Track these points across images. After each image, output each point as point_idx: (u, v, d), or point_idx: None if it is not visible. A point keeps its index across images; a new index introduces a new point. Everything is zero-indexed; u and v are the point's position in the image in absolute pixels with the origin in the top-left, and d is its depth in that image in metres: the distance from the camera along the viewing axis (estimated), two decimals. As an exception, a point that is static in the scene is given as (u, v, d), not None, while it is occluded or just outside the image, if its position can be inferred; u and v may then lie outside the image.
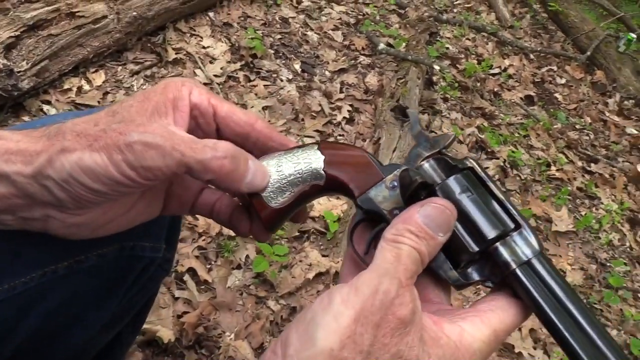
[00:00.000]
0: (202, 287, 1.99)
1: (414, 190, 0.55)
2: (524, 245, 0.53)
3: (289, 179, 0.59)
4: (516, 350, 2.28)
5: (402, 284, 0.46)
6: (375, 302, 0.45)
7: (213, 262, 2.08)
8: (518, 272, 0.52)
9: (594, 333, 0.50)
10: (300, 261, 2.18)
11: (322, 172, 0.59)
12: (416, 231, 0.50)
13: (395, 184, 0.57)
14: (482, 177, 0.57)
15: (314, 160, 0.59)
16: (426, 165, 0.58)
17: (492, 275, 0.54)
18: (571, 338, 0.50)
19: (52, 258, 0.65)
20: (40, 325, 0.67)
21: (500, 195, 0.56)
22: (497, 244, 0.53)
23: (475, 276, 0.55)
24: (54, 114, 2.37)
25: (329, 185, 0.60)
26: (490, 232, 0.53)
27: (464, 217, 0.54)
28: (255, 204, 0.59)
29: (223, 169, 0.52)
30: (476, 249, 0.53)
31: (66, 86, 2.50)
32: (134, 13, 2.77)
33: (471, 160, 0.58)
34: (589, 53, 4.94)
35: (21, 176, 0.49)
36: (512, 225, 0.54)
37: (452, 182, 0.55)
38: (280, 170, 0.59)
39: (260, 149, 0.62)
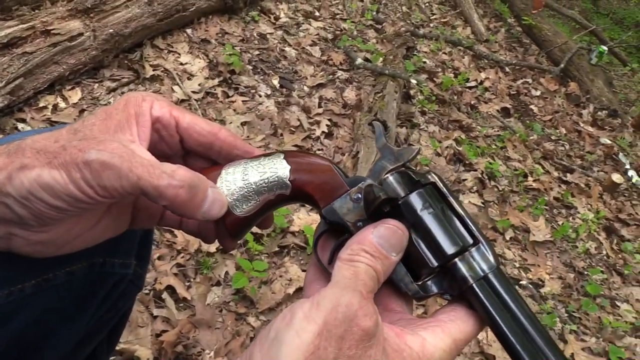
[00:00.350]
0: (181, 304, 1.97)
1: (378, 206, 0.56)
2: (481, 261, 0.55)
3: (254, 187, 0.59)
4: (497, 361, 2.29)
5: (363, 296, 0.47)
6: (338, 315, 0.45)
7: (192, 279, 2.06)
8: (475, 287, 0.54)
9: (544, 345, 0.51)
10: (281, 276, 2.17)
11: (288, 181, 0.59)
12: (371, 251, 0.51)
13: (360, 196, 0.58)
14: (444, 192, 0.58)
15: (280, 169, 0.60)
16: (390, 178, 0.58)
17: (451, 288, 0.56)
18: (522, 350, 0.51)
19: (19, 277, 0.64)
20: (9, 346, 0.66)
21: (461, 211, 0.58)
22: (456, 259, 0.55)
23: (435, 289, 0.56)
24: (16, 133, 2.33)
25: (295, 194, 0.60)
26: (449, 249, 0.54)
27: (425, 232, 0.55)
28: None
29: (178, 197, 0.51)
30: (436, 264, 0.55)
31: (42, 104, 2.47)
32: (111, 30, 2.77)
33: (433, 175, 0.59)
34: (562, 65, 5.05)
35: None
36: (470, 241, 0.56)
37: (415, 198, 0.56)
38: (245, 179, 0.59)
39: (224, 157, 0.62)
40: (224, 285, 2.06)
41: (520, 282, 2.74)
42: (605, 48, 5.40)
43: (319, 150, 2.91)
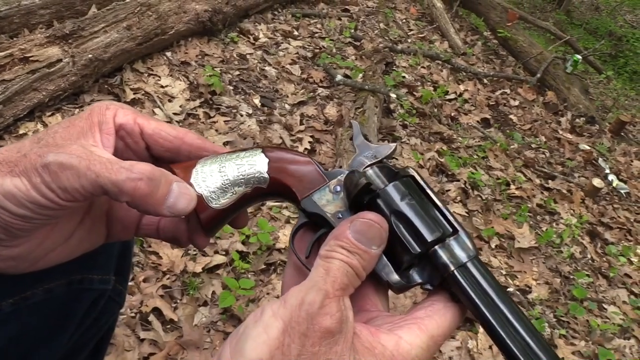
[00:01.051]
0: (168, 326, 1.95)
1: (359, 193, 0.56)
2: (460, 250, 0.55)
3: (231, 180, 0.58)
4: (488, 369, 2.29)
5: (329, 294, 0.47)
6: (301, 313, 0.46)
7: (178, 301, 2.04)
8: (456, 274, 0.54)
9: (523, 330, 0.52)
10: (268, 294, 2.16)
11: (266, 175, 0.59)
12: (347, 246, 0.51)
13: (339, 188, 0.58)
14: (422, 184, 0.59)
15: (258, 162, 0.59)
16: (370, 171, 0.59)
17: (432, 277, 0.56)
18: (504, 334, 0.52)
19: None
20: None
21: (439, 202, 0.58)
22: (436, 247, 0.55)
23: (417, 278, 0.56)
24: None
25: (273, 188, 0.60)
26: (429, 236, 0.55)
27: (405, 221, 0.55)
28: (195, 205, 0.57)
29: (138, 191, 0.51)
30: (418, 250, 0.55)
31: (21, 131, 2.46)
32: (90, 55, 2.78)
33: (412, 170, 0.60)
34: (539, 75, 5.15)
35: None
36: (450, 230, 0.56)
37: (394, 188, 0.57)
38: (223, 172, 0.58)
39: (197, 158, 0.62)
40: (211, 305, 2.05)
41: (508, 290, 2.76)
42: (579, 57, 5.53)
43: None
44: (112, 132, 0.57)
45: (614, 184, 4.09)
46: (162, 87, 3.07)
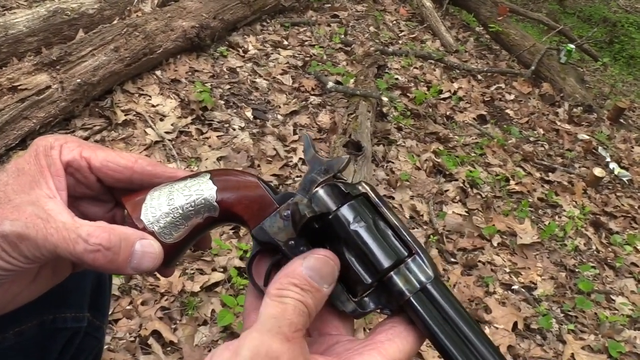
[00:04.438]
0: (169, 348, 1.93)
1: (305, 224, 0.54)
2: (418, 272, 0.53)
3: (180, 212, 0.57)
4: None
5: (287, 338, 0.45)
6: None
7: (178, 321, 2.03)
8: (412, 300, 0.52)
9: (488, 354, 0.50)
10: (268, 308, 2.14)
11: (215, 203, 0.57)
12: (301, 284, 0.49)
13: (288, 214, 0.56)
14: (376, 202, 0.57)
15: (206, 190, 0.57)
16: (320, 192, 0.56)
17: (389, 303, 0.54)
18: None
19: None
20: None
21: (394, 221, 0.56)
22: (392, 273, 0.53)
23: (372, 305, 0.54)
24: None
25: (224, 216, 0.58)
26: (383, 263, 0.53)
27: (357, 248, 0.53)
28: None
29: (97, 261, 0.50)
30: (370, 280, 0.53)
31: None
32: (78, 80, 2.78)
33: (364, 185, 0.57)
34: (533, 67, 5.12)
35: None
36: (405, 253, 0.54)
37: (345, 211, 0.54)
38: (171, 203, 0.57)
39: (150, 187, 0.60)
40: (211, 324, 2.04)
41: (513, 287, 2.73)
42: (572, 46, 5.50)
43: (298, 177, 2.91)
44: (62, 172, 0.56)
45: (616, 172, 4.05)
46: (153, 106, 3.07)
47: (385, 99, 3.60)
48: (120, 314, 1.96)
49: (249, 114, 3.29)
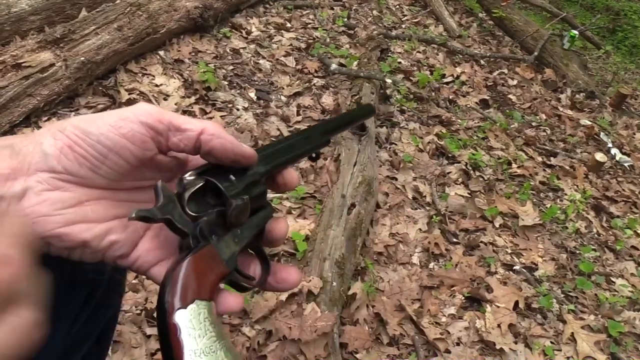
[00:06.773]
0: (174, 321, 1.95)
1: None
2: None
3: None
4: (497, 347, 2.28)
5: None
6: None
7: (183, 296, 2.04)
8: None
9: None
10: (272, 284, 2.16)
11: None
12: None
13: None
14: None
15: None
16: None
17: None
18: None
19: None
20: None
21: None
22: None
23: None
24: None
25: None
26: None
27: None
28: None
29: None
30: None
31: (18, 137, 2.46)
32: (82, 58, 2.77)
33: None
34: (536, 53, 5.11)
35: None
36: None
37: None
38: None
39: None
40: (216, 298, 2.05)
41: (514, 268, 2.75)
42: (576, 32, 5.48)
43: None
44: None
45: (617, 158, 4.06)
46: (156, 86, 3.07)
47: (389, 81, 3.60)
48: (127, 287, 1.98)
49: (252, 94, 3.29)
